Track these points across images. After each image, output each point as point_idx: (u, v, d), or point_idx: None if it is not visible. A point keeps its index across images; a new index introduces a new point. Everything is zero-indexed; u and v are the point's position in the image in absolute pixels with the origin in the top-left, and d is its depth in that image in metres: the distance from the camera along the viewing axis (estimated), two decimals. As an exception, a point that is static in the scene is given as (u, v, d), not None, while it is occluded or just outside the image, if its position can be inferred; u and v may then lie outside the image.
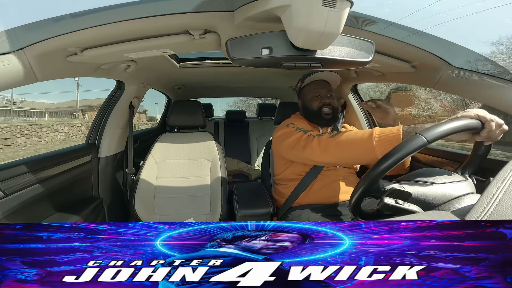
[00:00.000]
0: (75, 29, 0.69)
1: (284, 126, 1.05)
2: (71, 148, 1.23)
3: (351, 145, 0.77)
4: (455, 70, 0.89)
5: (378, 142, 0.72)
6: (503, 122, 0.60)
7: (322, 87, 1.11)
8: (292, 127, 1.00)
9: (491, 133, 0.59)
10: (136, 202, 1.28)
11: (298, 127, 0.99)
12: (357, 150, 0.76)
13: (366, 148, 0.73)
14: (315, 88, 1.11)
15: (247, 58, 0.58)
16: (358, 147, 0.76)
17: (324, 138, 0.84)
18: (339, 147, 0.80)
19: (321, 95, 1.09)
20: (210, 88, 2.22)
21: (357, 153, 0.77)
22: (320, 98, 1.09)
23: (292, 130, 0.99)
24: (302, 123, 1.09)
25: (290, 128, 1.00)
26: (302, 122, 1.10)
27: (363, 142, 0.74)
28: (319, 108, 1.08)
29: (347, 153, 0.79)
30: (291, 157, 0.99)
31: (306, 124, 1.11)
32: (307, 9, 0.50)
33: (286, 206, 1.08)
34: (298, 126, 1.00)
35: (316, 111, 1.09)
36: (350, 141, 0.78)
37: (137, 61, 1.07)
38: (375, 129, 0.74)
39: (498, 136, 0.61)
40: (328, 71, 1.09)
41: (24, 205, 0.89)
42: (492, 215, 0.35)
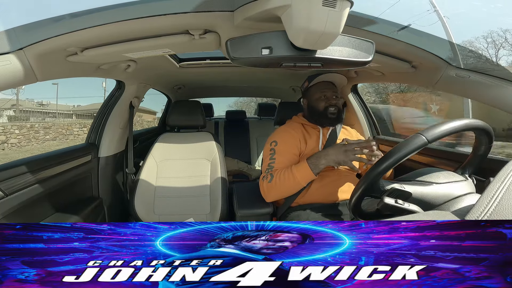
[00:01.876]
0: (75, 29, 0.69)
1: (269, 143, 1.11)
2: (71, 148, 1.23)
3: (282, 187, 1.00)
4: (455, 70, 0.88)
5: (298, 177, 0.97)
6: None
7: (329, 88, 1.13)
8: (270, 150, 1.09)
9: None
10: (136, 202, 1.28)
11: (273, 151, 1.07)
12: (288, 189, 1.00)
13: (293, 184, 0.98)
14: (322, 89, 1.13)
15: (247, 58, 0.58)
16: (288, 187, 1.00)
17: (265, 183, 1.02)
18: (274, 190, 1.01)
19: (328, 96, 1.12)
20: (210, 88, 2.22)
21: (288, 191, 1.01)
22: (326, 98, 1.12)
23: (268, 153, 1.09)
24: (292, 132, 1.11)
25: (268, 151, 1.10)
26: (294, 130, 1.12)
27: (290, 182, 0.98)
28: (325, 108, 1.10)
29: (281, 193, 1.02)
30: None
31: (300, 130, 1.12)
32: (307, 9, 0.50)
33: (285, 206, 1.08)
34: (274, 150, 1.07)
35: (322, 111, 1.11)
36: (280, 184, 0.99)
37: (137, 61, 1.07)
38: (293, 168, 0.99)
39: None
40: (336, 74, 1.12)
41: (24, 205, 0.89)
42: (492, 215, 0.35)
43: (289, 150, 1.06)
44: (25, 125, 8.40)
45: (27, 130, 8.11)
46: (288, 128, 1.14)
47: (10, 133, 7.58)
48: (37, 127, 8.67)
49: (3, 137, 7.45)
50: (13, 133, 7.63)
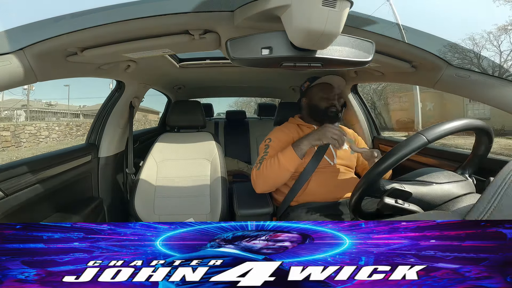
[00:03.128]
0: (75, 29, 0.69)
1: (264, 141, 1.15)
2: (71, 148, 1.23)
3: (269, 172, 1.02)
4: (455, 70, 0.89)
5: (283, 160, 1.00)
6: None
7: (330, 89, 1.17)
8: (265, 146, 1.12)
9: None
10: (136, 202, 1.28)
11: (267, 147, 1.11)
12: (275, 174, 1.01)
13: (278, 168, 1.00)
14: (324, 90, 1.17)
15: (247, 58, 0.58)
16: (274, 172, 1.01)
17: (254, 172, 1.05)
18: (262, 177, 1.03)
19: (330, 96, 1.16)
20: (210, 88, 2.22)
21: (276, 177, 1.02)
22: (328, 99, 1.16)
23: (263, 149, 1.12)
24: (287, 131, 1.15)
25: (263, 147, 1.13)
26: (289, 130, 1.16)
27: (275, 166, 1.01)
28: (326, 108, 1.15)
29: (268, 180, 1.04)
30: None
31: (295, 130, 1.16)
32: (307, 9, 0.50)
33: (284, 205, 1.09)
34: (268, 145, 1.11)
35: (324, 110, 1.15)
36: (267, 170, 1.02)
37: (137, 61, 1.06)
38: (278, 154, 1.02)
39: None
40: (337, 76, 1.15)
41: (24, 205, 0.89)
42: (492, 215, 0.35)
43: (282, 146, 1.10)
44: (62, 123, 10.31)
45: (64, 127, 9.97)
46: (283, 128, 1.19)
47: (51, 129, 9.37)
48: (71, 124, 10.66)
49: (47, 132, 9.13)
50: (54, 129, 9.47)
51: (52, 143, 9.10)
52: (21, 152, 7.68)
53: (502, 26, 8.72)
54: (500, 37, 8.94)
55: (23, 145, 8.15)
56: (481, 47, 9.36)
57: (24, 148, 8.07)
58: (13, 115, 11.08)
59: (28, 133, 8.43)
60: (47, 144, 8.91)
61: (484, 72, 0.84)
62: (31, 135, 8.52)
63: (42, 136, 8.87)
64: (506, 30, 8.43)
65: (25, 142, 8.25)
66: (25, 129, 8.38)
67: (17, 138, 8.02)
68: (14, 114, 11.12)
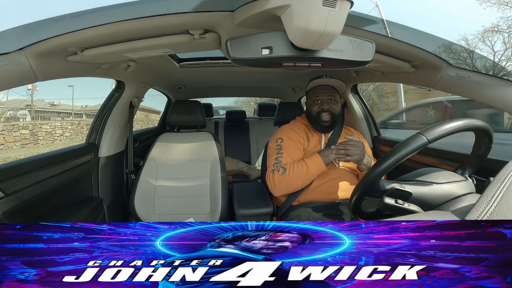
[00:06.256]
0: (75, 29, 0.69)
1: (274, 140, 1.13)
2: (71, 148, 1.22)
3: (295, 178, 1.01)
4: (455, 70, 0.88)
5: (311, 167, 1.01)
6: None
7: (324, 92, 1.13)
8: (277, 146, 1.10)
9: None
10: (136, 202, 1.28)
11: (280, 147, 1.09)
12: (300, 180, 1.01)
13: (306, 174, 1.01)
14: (317, 93, 1.14)
15: (247, 58, 0.58)
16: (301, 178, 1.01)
17: (276, 176, 1.02)
18: (286, 182, 1.01)
19: (322, 100, 1.12)
20: (210, 88, 2.22)
21: (300, 183, 1.02)
22: (320, 103, 1.12)
23: (274, 149, 1.10)
24: (297, 130, 1.13)
25: (274, 147, 1.11)
26: (298, 129, 1.14)
27: (303, 173, 1.01)
28: (317, 113, 1.11)
29: (292, 186, 1.02)
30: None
31: (303, 129, 1.15)
32: (307, 9, 0.50)
33: (286, 205, 1.09)
34: (281, 145, 1.09)
35: (315, 116, 1.12)
36: (294, 175, 1.00)
37: (137, 61, 1.06)
38: (305, 160, 1.03)
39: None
40: (331, 81, 1.12)
41: (24, 205, 0.89)
42: (492, 215, 0.35)
43: (295, 145, 1.09)
44: (74, 122, 10.94)
45: (75, 126, 10.55)
46: (292, 126, 1.17)
47: (65, 128, 10.01)
48: (82, 124, 11.13)
49: (61, 131, 9.76)
50: (67, 128, 10.11)
51: (65, 140, 9.76)
52: (39, 148, 8.09)
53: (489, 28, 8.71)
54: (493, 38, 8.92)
55: (40, 142, 8.71)
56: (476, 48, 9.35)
57: (41, 145, 8.57)
58: (25, 114, 11.46)
59: (45, 131, 9.05)
60: (62, 142, 9.53)
61: (484, 72, 0.84)
62: (47, 133, 9.15)
63: (56, 134, 9.52)
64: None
65: (42, 140, 8.83)
66: (42, 127, 8.97)
67: (35, 136, 8.60)
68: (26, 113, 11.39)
